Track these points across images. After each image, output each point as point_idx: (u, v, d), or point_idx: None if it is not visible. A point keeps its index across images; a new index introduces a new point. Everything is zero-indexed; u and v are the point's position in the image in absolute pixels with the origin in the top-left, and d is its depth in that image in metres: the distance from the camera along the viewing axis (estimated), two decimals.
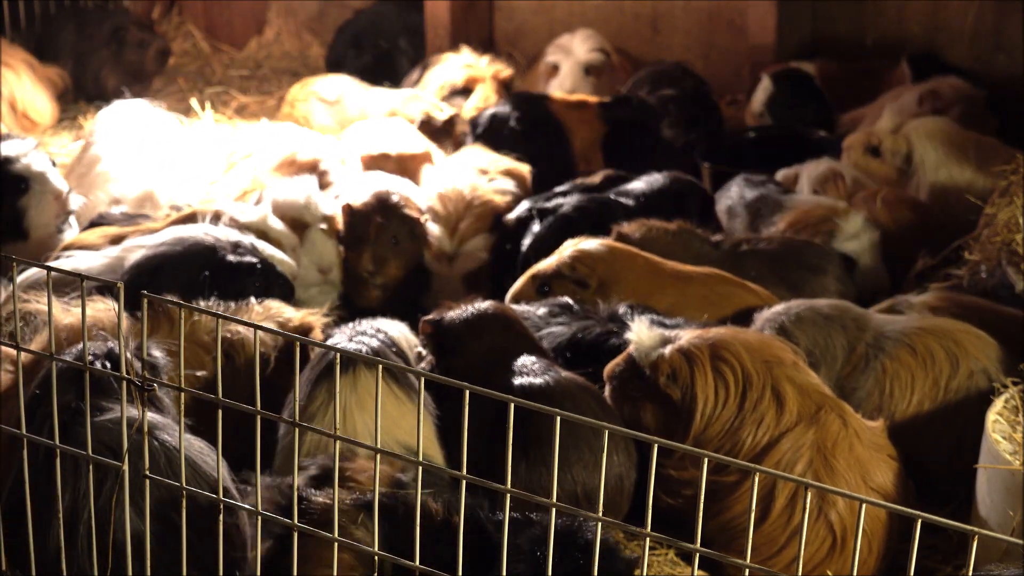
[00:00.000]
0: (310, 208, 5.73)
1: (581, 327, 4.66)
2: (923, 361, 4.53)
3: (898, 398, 4.53)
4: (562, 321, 4.73)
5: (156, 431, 3.38)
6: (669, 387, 4.13)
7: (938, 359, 4.53)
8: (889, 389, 4.53)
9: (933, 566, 4.17)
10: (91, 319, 4.19)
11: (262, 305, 4.73)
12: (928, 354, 4.54)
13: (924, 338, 4.58)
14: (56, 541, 3.39)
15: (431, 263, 5.98)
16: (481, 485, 2.83)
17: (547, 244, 5.47)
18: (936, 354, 4.53)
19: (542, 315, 4.78)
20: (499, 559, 2.80)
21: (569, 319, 4.73)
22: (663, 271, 5.09)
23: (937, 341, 4.56)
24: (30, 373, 3.78)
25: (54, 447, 3.30)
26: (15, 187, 5.75)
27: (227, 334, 4.49)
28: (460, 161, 6.58)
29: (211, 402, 3.05)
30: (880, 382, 4.54)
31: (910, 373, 4.52)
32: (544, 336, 4.65)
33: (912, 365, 4.53)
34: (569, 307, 4.81)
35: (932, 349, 4.54)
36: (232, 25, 9.70)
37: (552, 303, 4.85)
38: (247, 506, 3.15)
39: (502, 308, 4.61)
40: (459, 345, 4.42)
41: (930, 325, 4.65)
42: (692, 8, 8.43)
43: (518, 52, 8.99)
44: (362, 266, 5.75)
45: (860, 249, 5.75)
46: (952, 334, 4.59)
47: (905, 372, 4.53)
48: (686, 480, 4.15)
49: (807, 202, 6.07)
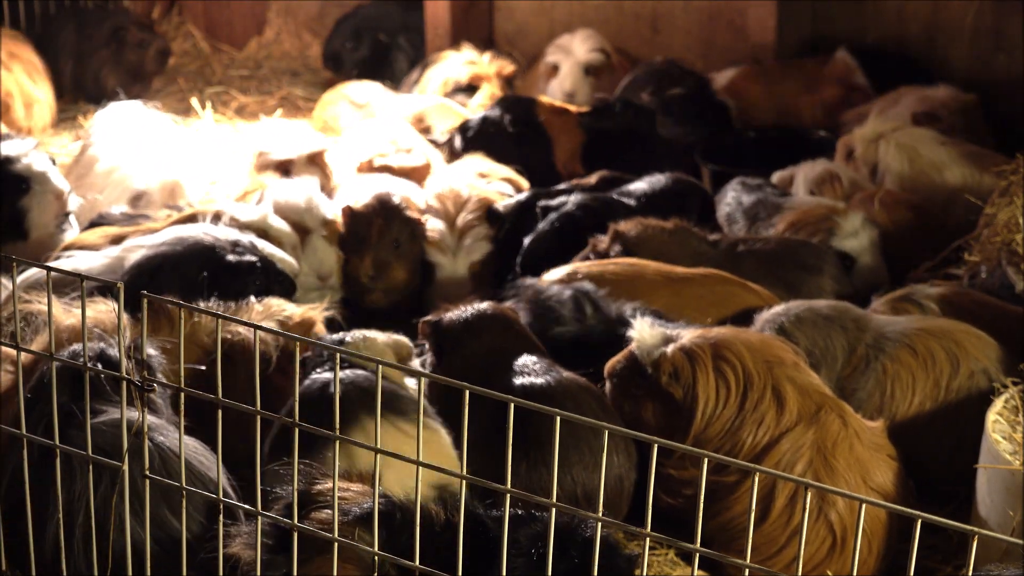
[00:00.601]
0: (311, 212, 5.73)
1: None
2: (924, 362, 4.53)
3: (899, 399, 4.52)
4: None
5: (151, 432, 3.38)
6: (671, 386, 4.14)
7: (938, 360, 4.53)
8: (890, 390, 4.53)
9: (933, 566, 4.17)
10: (92, 320, 4.19)
11: (262, 303, 4.73)
12: (928, 355, 4.53)
13: (924, 339, 4.57)
14: (53, 541, 3.39)
15: (435, 257, 5.97)
16: (481, 485, 2.83)
17: (550, 243, 5.47)
18: (936, 355, 4.53)
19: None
20: (499, 556, 2.80)
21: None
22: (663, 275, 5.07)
23: (937, 342, 4.56)
24: (31, 373, 3.79)
25: (54, 447, 3.30)
26: (16, 187, 5.74)
27: (227, 335, 4.49)
28: (460, 167, 6.60)
29: (211, 402, 3.05)
30: (881, 383, 4.54)
31: (911, 374, 4.52)
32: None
33: (913, 366, 4.53)
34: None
35: (932, 349, 4.54)
36: (232, 25, 9.70)
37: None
38: (247, 506, 3.15)
39: (500, 308, 4.61)
40: (458, 346, 4.42)
41: (930, 326, 4.65)
42: (692, 8, 8.42)
43: (518, 52, 8.99)
44: (363, 271, 5.76)
45: (860, 247, 5.74)
46: (952, 334, 4.59)
47: (906, 373, 4.52)
48: (686, 480, 4.16)
49: (806, 203, 6.06)
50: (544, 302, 4.74)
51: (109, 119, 6.79)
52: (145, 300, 3.10)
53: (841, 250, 5.66)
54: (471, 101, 7.81)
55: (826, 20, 8.20)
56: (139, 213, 5.91)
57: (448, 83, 8.00)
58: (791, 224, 5.85)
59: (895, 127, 6.67)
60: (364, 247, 5.75)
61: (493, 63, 8.13)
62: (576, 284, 4.86)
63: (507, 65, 8.17)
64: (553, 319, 4.68)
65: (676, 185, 6.05)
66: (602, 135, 6.98)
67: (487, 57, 8.19)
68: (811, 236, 5.72)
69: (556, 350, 4.50)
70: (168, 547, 3.40)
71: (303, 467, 3.20)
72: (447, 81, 8.01)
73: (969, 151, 6.49)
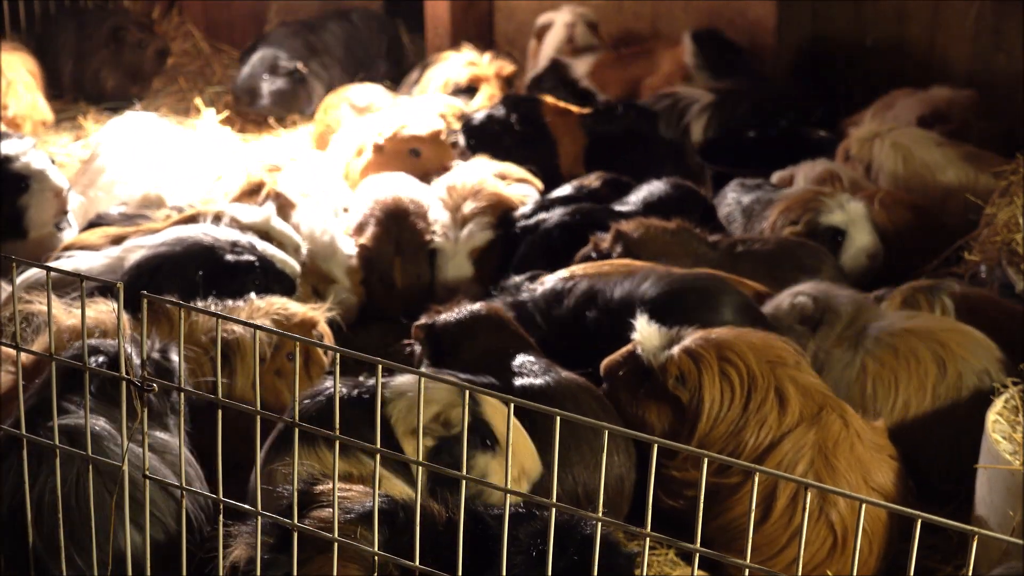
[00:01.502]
0: (337, 260, 5.87)
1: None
2: (906, 362, 4.56)
3: (882, 398, 4.56)
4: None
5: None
6: (677, 389, 4.13)
7: (923, 360, 4.55)
8: (871, 389, 4.56)
9: (933, 566, 4.17)
10: (94, 320, 4.19)
11: (264, 301, 4.73)
12: (912, 355, 4.56)
13: (907, 339, 4.59)
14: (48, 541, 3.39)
15: (437, 244, 6.04)
16: (482, 486, 2.83)
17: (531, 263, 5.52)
18: (920, 355, 4.55)
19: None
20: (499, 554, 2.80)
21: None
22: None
23: (921, 342, 4.57)
24: (33, 374, 3.79)
25: (54, 447, 3.30)
26: (15, 185, 5.73)
27: (225, 334, 4.48)
28: (477, 166, 6.62)
29: (211, 402, 3.05)
30: (861, 380, 4.58)
31: (893, 374, 4.56)
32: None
33: (894, 366, 4.56)
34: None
35: (916, 350, 4.57)
36: (232, 25, 9.69)
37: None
38: (247, 507, 3.15)
39: (493, 308, 4.61)
40: (454, 348, 4.41)
41: (915, 326, 4.65)
42: (692, 8, 8.42)
43: (518, 52, 8.98)
44: (386, 296, 5.94)
45: (847, 220, 5.75)
46: (936, 335, 4.60)
47: (888, 373, 4.56)
48: (688, 481, 4.15)
49: (796, 190, 6.09)
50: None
51: (121, 129, 6.79)
52: (145, 300, 3.10)
53: (830, 225, 5.68)
54: (471, 102, 7.81)
55: (826, 20, 8.20)
56: (138, 213, 5.91)
57: (448, 84, 7.99)
58: (781, 211, 5.87)
59: (891, 127, 6.68)
60: (385, 278, 5.95)
61: (493, 63, 8.12)
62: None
63: (507, 65, 8.16)
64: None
65: (675, 191, 6.05)
66: (604, 137, 6.99)
67: (487, 57, 8.18)
68: (799, 216, 5.74)
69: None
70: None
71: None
72: (448, 82, 8.00)
73: (968, 152, 6.49)
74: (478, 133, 6.96)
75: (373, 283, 5.95)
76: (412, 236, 6.00)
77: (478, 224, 6.04)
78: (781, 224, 5.82)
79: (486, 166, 6.59)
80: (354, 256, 5.96)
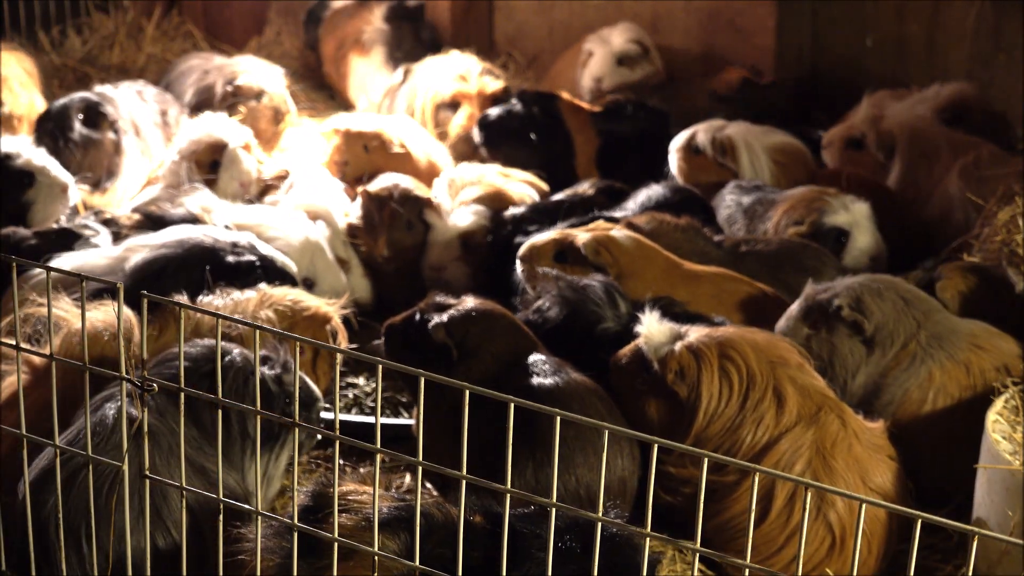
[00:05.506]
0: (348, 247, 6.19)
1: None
2: (974, 382, 4.47)
3: (941, 407, 4.49)
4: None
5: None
6: (676, 384, 4.14)
7: (988, 380, 4.44)
8: (932, 398, 4.50)
9: (933, 566, 4.17)
10: (104, 322, 4.19)
11: (279, 290, 4.74)
12: (980, 375, 4.46)
13: (978, 356, 4.50)
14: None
15: (431, 218, 6.20)
16: (482, 485, 2.83)
17: None
18: (987, 376, 4.45)
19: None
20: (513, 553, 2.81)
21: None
22: (679, 271, 5.09)
23: (990, 361, 4.48)
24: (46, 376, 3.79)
25: (54, 447, 3.30)
26: (19, 181, 5.75)
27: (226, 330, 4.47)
28: (480, 167, 6.66)
29: (211, 402, 3.05)
30: (924, 389, 4.49)
31: (959, 389, 4.48)
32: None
33: (962, 382, 4.48)
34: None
35: (984, 370, 4.47)
36: (232, 25, 9.69)
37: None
38: (247, 507, 3.15)
39: (501, 308, 4.59)
40: (476, 349, 4.35)
41: (984, 343, 4.56)
42: (692, 8, 8.42)
43: (518, 52, 8.98)
44: (377, 250, 6.13)
45: (852, 221, 5.75)
46: (1005, 357, 4.51)
47: (953, 386, 4.48)
48: (685, 478, 4.16)
49: (799, 190, 6.09)
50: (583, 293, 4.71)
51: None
52: (145, 300, 3.11)
53: (834, 225, 5.68)
54: (453, 120, 7.67)
55: (826, 20, 8.20)
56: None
57: (436, 98, 7.81)
58: (785, 211, 5.87)
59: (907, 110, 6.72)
60: (377, 230, 6.13)
61: (479, 80, 7.86)
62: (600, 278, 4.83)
63: (493, 80, 7.91)
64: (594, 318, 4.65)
65: (675, 195, 6.05)
66: (615, 136, 6.98)
67: (480, 68, 7.94)
68: (804, 217, 5.74)
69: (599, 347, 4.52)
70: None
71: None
72: (434, 98, 7.81)
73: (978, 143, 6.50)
74: (495, 128, 6.95)
75: (367, 231, 6.17)
76: (400, 207, 6.18)
77: (472, 209, 6.18)
78: (785, 224, 5.82)
79: (491, 168, 6.64)
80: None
